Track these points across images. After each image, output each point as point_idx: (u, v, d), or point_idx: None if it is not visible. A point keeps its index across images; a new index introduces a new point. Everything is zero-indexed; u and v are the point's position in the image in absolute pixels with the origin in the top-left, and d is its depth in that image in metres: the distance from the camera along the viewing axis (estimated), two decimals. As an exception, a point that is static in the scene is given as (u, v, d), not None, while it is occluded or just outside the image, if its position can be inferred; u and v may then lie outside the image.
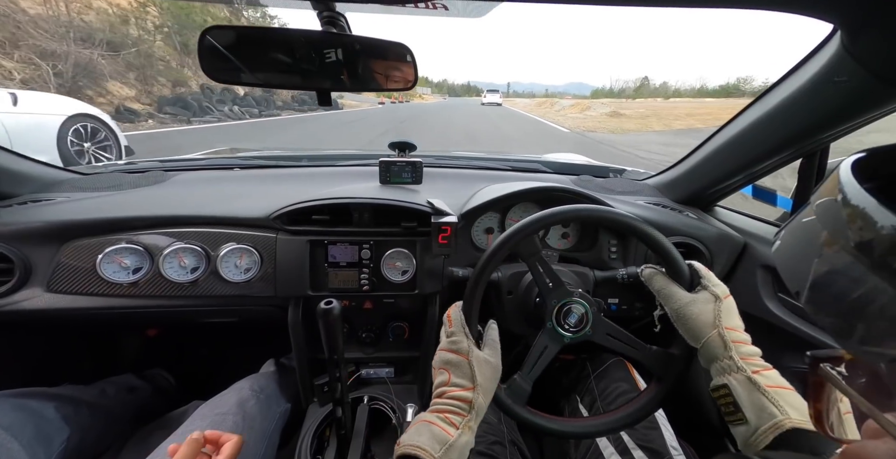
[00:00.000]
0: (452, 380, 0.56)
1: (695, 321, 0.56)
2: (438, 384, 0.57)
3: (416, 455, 0.47)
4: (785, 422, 0.45)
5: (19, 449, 0.67)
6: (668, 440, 0.74)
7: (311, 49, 0.58)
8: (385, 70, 0.63)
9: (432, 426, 0.51)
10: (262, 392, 0.90)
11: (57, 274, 0.84)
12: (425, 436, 0.49)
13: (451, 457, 0.49)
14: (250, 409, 0.83)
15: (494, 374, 0.58)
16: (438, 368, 0.58)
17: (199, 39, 0.55)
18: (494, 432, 0.80)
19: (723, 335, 0.54)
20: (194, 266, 0.88)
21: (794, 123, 0.74)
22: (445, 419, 0.52)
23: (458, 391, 0.55)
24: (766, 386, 0.48)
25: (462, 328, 0.59)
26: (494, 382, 0.58)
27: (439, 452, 0.48)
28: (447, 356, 0.58)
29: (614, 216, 0.65)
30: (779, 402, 0.46)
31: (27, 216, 0.85)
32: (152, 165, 1.24)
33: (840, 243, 0.23)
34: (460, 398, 0.54)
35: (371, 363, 1.08)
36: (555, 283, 0.67)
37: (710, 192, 1.06)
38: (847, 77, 0.59)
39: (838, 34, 0.57)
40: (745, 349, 0.53)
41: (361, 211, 0.93)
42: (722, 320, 0.55)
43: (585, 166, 1.46)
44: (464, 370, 0.56)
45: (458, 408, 0.53)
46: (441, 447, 0.49)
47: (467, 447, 0.52)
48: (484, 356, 0.58)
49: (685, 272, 0.62)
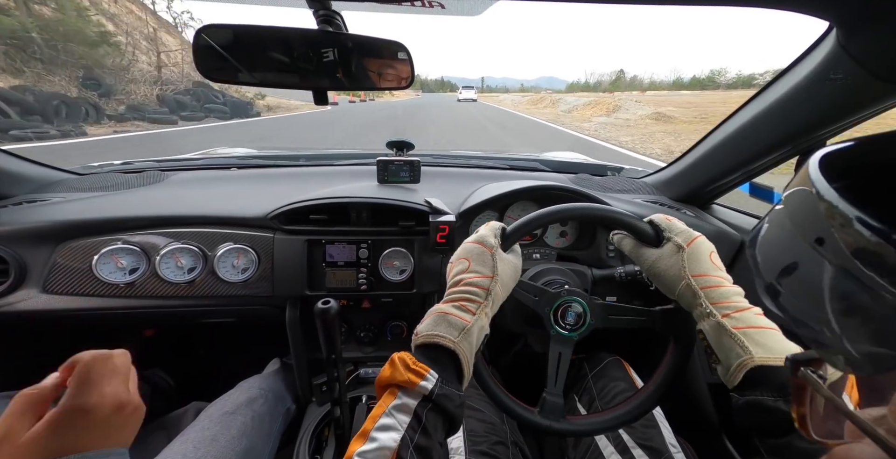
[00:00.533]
0: (472, 267, 0.55)
1: (665, 276, 0.57)
2: (456, 272, 0.57)
3: (437, 342, 0.48)
4: (747, 361, 0.47)
5: None
6: (667, 438, 0.74)
7: (309, 48, 0.58)
8: (382, 69, 0.63)
9: (448, 315, 0.51)
10: (270, 392, 0.90)
11: (53, 275, 0.84)
12: (442, 326, 0.50)
13: (469, 340, 0.50)
14: (259, 408, 0.82)
15: (514, 273, 0.59)
16: (459, 258, 0.58)
17: (195, 38, 0.55)
18: (497, 432, 0.80)
19: (691, 285, 0.54)
20: (191, 266, 0.88)
21: (791, 121, 0.74)
22: (461, 306, 0.52)
23: (476, 277, 0.54)
24: (733, 328, 0.49)
25: (493, 231, 0.60)
26: (513, 281, 0.59)
27: (457, 337, 0.49)
28: (471, 246, 0.58)
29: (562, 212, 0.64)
30: (744, 343, 0.48)
31: (22, 217, 0.85)
32: (149, 165, 1.24)
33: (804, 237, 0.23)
34: (477, 285, 0.54)
35: (369, 362, 1.07)
36: (538, 293, 0.68)
37: (708, 190, 1.06)
38: (843, 74, 0.59)
39: (834, 31, 0.57)
40: (717, 293, 0.53)
41: (359, 210, 0.92)
42: (687, 270, 0.55)
43: (583, 165, 1.46)
44: (485, 260, 0.56)
45: (474, 295, 0.53)
46: (459, 332, 0.49)
47: (483, 331, 0.53)
48: (507, 256, 0.58)
49: (647, 231, 0.61)
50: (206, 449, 0.68)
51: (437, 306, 0.54)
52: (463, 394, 0.49)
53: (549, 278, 0.83)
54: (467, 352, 0.50)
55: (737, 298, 0.53)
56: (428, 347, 0.49)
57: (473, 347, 0.51)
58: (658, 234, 0.61)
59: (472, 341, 0.51)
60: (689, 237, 0.57)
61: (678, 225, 0.60)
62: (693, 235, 0.58)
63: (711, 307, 0.52)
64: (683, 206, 1.10)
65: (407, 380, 0.45)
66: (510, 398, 0.65)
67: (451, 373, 0.48)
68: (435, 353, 0.49)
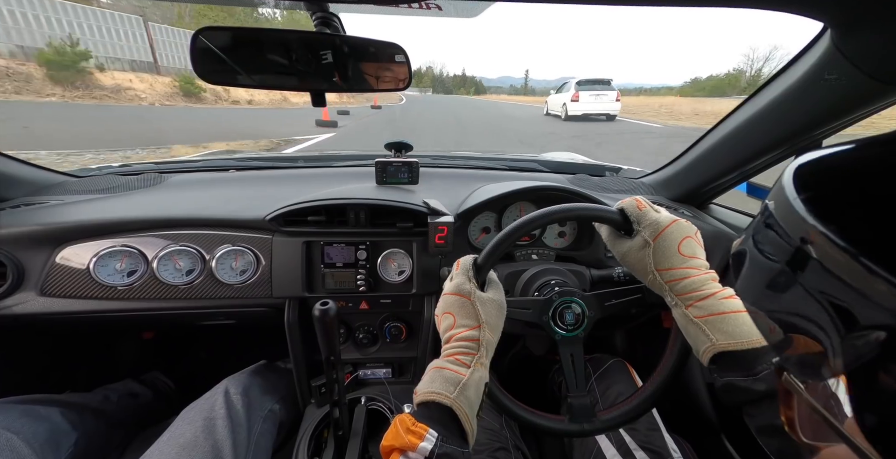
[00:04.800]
0: (458, 322, 0.56)
1: (634, 270, 0.59)
2: (445, 329, 0.58)
3: (434, 400, 0.48)
4: (710, 348, 0.50)
5: (31, 454, 0.68)
6: (668, 441, 0.75)
7: (307, 50, 0.58)
8: (379, 71, 0.63)
9: (443, 370, 0.52)
10: (245, 394, 0.87)
11: (50, 278, 0.84)
12: (438, 382, 0.50)
13: (467, 394, 0.50)
14: (236, 414, 0.81)
15: (500, 311, 0.59)
16: (443, 314, 0.59)
17: (192, 40, 0.55)
18: (499, 438, 0.80)
19: (656, 279, 0.56)
20: (189, 268, 0.88)
21: (787, 121, 0.75)
22: (456, 361, 0.53)
23: (465, 331, 0.55)
24: (695, 318, 0.52)
25: (466, 273, 0.60)
26: (500, 318, 0.59)
27: (454, 392, 0.49)
28: (450, 299, 0.58)
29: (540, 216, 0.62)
30: (706, 330, 0.50)
31: (20, 220, 0.85)
32: (147, 167, 1.24)
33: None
34: (468, 338, 0.55)
35: (368, 363, 1.07)
36: (528, 306, 0.67)
37: (706, 190, 1.06)
38: (837, 75, 0.60)
39: (829, 32, 0.57)
40: (681, 286, 0.54)
41: (357, 212, 0.92)
42: (652, 265, 0.56)
43: (582, 165, 1.46)
44: (468, 311, 0.56)
45: (467, 348, 0.54)
46: (455, 388, 0.49)
47: (482, 381, 0.53)
48: (488, 296, 0.58)
49: (617, 220, 0.60)
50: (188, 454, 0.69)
51: (434, 361, 0.55)
52: (468, 451, 0.48)
53: (546, 279, 0.83)
54: (465, 407, 0.49)
55: (703, 286, 0.53)
56: (427, 405, 0.49)
57: (473, 400, 0.51)
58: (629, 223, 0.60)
59: (471, 394, 0.50)
60: (656, 231, 0.56)
61: (648, 216, 0.58)
62: (661, 226, 0.56)
63: (677, 299, 0.54)
64: (681, 206, 1.10)
65: (407, 443, 0.44)
66: (535, 414, 0.65)
67: (452, 430, 0.48)
68: (434, 411, 0.49)
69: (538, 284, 0.82)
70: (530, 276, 0.85)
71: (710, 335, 0.50)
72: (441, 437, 0.45)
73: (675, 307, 0.55)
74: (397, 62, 0.62)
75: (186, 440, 0.71)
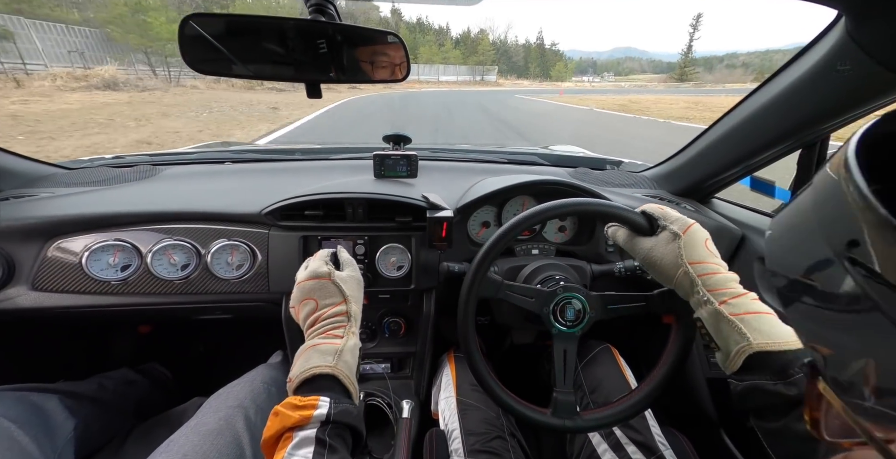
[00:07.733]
0: (321, 303, 0.58)
1: (661, 265, 0.57)
2: (306, 315, 0.59)
3: (316, 373, 0.50)
4: (746, 347, 0.47)
5: (29, 442, 0.68)
6: (656, 434, 0.75)
7: (303, 39, 0.56)
8: (376, 60, 0.61)
9: (317, 346, 0.53)
10: (273, 385, 0.88)
11: (42, 272, 0.82)
12: (315, 358, 0.52)
13: (345, 359, 0.53)
14: (262, 403, 0.81)
15: (359, 286, 0.62)
16: (300, 303, 0.60)
17: (180, 27, 0.52)
18: (495, 427, 0.80)
19: (688, 273, 0.54)
20: (184, 263, 0.87)
21: (795, 114, 0.73)
22: (328, 335, 0.55)
23: (331, 308, 0.57)
24: (730, 315, 0.50)
25: (323, 258, 0.62)
26: (360, 293, 0.63)
27: (333, 360, 0.52)
28: (307, 285, 0.60)
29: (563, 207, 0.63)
30: (742, 329, 0.48)
31: (9, 213, 0.83)
32: (140, 159, 1.21)
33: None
34: (336, 314, 0.57)
35: (367, 358, 1.07)
36: (533, 295, 0.67)
37: (708, 184, 1.05)
38: (851, 65, 0.58)
39: (842, 21, 0.55)
40: (713, 280, 0.53)
41: (355, 206, 0.91)
42: (684, 257, 0.55)
43: (582, 158, 1.44)
44: (329, 290, 0.59)
45: (337, 322, 0.56)
46: (333, 357, 0.52)
47: (356, 347, 0.56)
48: (346, 273, 0.61)
49: (641, 222, 0.61)
50: (212, 443, 0.67)
51: (302, 346, 0.55)
52: (358, 405, 0.51)
53: (546, 274, 0.82)
54: (346, 371, 0.52)
55: (733, 284, 0.53)
56: (307, 381, 0.51)
57: (351, 364, 0.54)
58: (652, 223, 0.61)
59: (349, 359, 0.54)
60: (684, 225, 0.57)
61: (672, 213, 0.60)
62: (688, 222, 0.58)
63: (709, 294, 0.52)
64: (683, 200, 1.09)
65: (299, 419, 0.45)
66: (520, 403, 0.65)
67: (339, 393, 0.51)
68: (316, 383, 0.51)
69: (540, 278, 0.81)
70: (532, 270, 0.84)
71: (746, 334, 0.48)
72: (333, 399, 0.48)
73: (705, 303, 0.52)
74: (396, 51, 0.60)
75: (211, 429, 0.70)
